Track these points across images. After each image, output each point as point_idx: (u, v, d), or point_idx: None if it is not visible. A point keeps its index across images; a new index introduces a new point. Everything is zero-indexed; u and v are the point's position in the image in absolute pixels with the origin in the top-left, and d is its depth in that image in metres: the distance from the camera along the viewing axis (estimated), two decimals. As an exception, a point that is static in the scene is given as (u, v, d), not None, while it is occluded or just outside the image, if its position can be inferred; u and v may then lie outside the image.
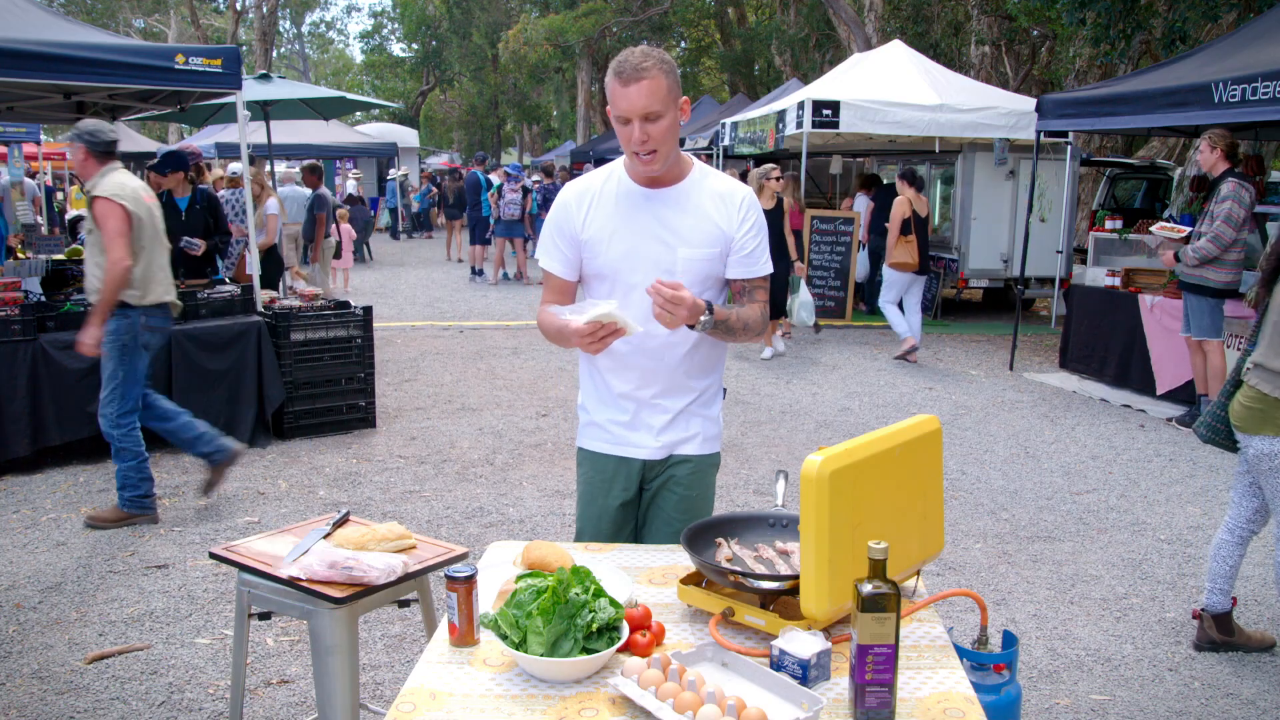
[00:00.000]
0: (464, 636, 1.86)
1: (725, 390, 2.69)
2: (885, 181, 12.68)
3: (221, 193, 8.71)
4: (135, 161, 18.89)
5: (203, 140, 17.45)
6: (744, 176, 13.53)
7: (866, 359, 9.41)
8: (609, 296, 2.45)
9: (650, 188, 2.42)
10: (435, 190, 25.38)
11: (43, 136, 18.79)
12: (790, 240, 9.06)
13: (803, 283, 9.32)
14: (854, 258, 11.65)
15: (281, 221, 9.57)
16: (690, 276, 2.39)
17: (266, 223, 9.20)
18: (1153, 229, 8.35)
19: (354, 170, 24.03)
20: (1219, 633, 3.71)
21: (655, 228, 2.40)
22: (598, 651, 1.72)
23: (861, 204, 12.75)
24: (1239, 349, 6.79)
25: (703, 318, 2.25)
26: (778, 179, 8.85)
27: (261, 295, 6.66)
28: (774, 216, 8.73)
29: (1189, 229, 6.89)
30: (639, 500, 2.62)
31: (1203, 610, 3.76)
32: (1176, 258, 6.71)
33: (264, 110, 11.38)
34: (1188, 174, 12.44)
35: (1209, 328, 6.60)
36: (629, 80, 2.24)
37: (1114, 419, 7.29)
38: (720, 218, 2.42)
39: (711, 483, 2.63)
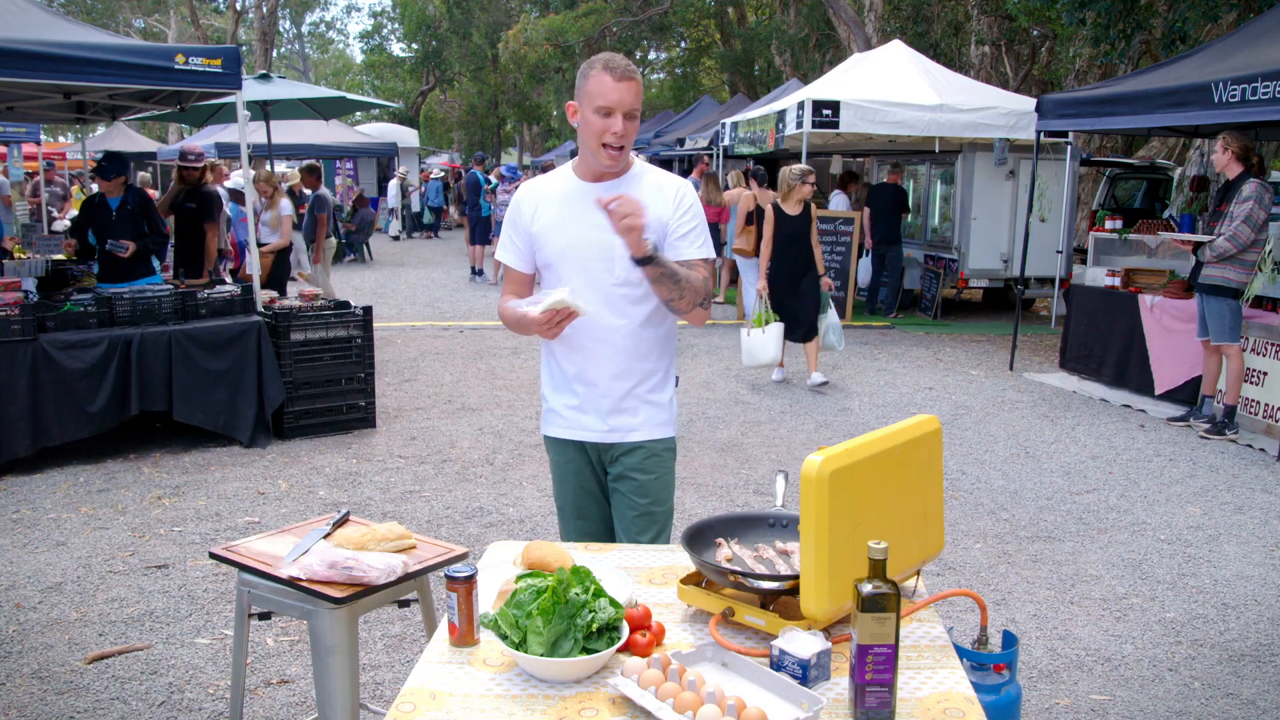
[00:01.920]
0: (464, 636, 1.86)
1: (678, 379, 2.81)
2: (882, 181, 12.68)
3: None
4: (135, 162, 18.87)
5: (203, 140, 17.42)
6: (746, 176, 13.55)
7: (866, 359, 9.41)
8: (556, 285, 2.61)
9: (594, 182, 2.57)
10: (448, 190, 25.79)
11: (43, 136, 18.78)
12: (818, 252, 8.04)
13: (832, 303, 8.25)
14: (854, 258, 11.65)
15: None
16: (627, 263, 2.50)
17: (282, 224, 9.20)
18: (1159, 233, 8.35)
19: (400, 169, 24.28)
20: None
21: (596, 219, 2.50)
22: (598, 651, 1.72)
23: (840, 201, 12.77)
24: (1258, 351, 6.78)
25: (652, 239, 2.38)
26: (811, 184, 7.90)
27: (261, 295, 6.67)
28: (800, 224, 7.95)
29: (1191, 235, 6.88)
30: (605, 482, 2.76)
31: None
32: (1195, 251, 6.69)
33: (264, 110, 11.38)
34: (1188, 174, 12.46)
35: (1229, 331, 6.53)
36: (622, 77, 2.44)
37: (1114, 419, 7.29)
38: (656, 207, 2.54)
39: (669, 465, 2.74)
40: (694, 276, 2.50)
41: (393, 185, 23.64)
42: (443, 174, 25.97)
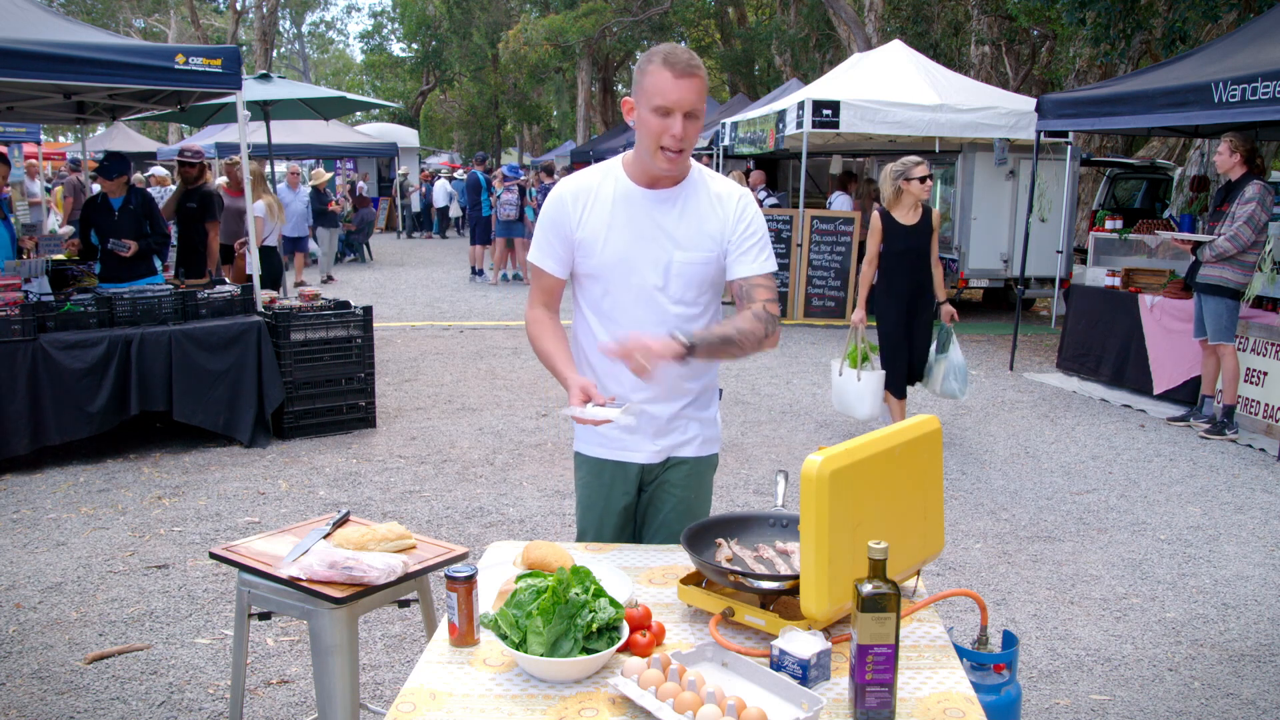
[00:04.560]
0: (464, 636, 1.86)
1: (721, 391, 2.66)
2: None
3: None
4: (135, 162, 18.84)
5: (203, 140, 17.45)
6: (747, 175, 13.56)
7: (866, 359, 9.41)
8: (602, 298, 2.41)
9: (649, 189, 2.37)
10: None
11: (43, 136, 18.78)
12: (938, 273, 6.21)
13: (954, 338, 6.38)
14: (854, 258, 11.65)
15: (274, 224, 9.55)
16: (684, 280, 2.36)
17: (254, 223, 9.18)
18: (1158, 232, 8.34)
19: (446, 170, 24.14)
20: None
21: (651, 230, 2.36)
22: (598, 651, 1.72)
23: (843, 202, 12.76)
24: (1239, 348, 6.79)
25: (685, 341, 2.16)
26: (923, 180, 6.07)
27: (261, 295, 6.66)
28: (917, 236, 6.10)
29: (1192, 235, 6.87)
30: (638, 502, 2.59)
31: None
32: (1195, 250, 6.69)
33: (264, 110, 11.38)
34: (1188, 174, 12.46)
35: (1225, 331, 6.52)
36: (684, 74, 2.20)
37: (1114, 419, 7.29)
38: (717, 220, 2.37)
39: (708, 484, 2.61)
40: (741, 323, 2.30)
41: (439, 185, 23.58)
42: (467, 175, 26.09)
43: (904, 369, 6.26)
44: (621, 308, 2.39)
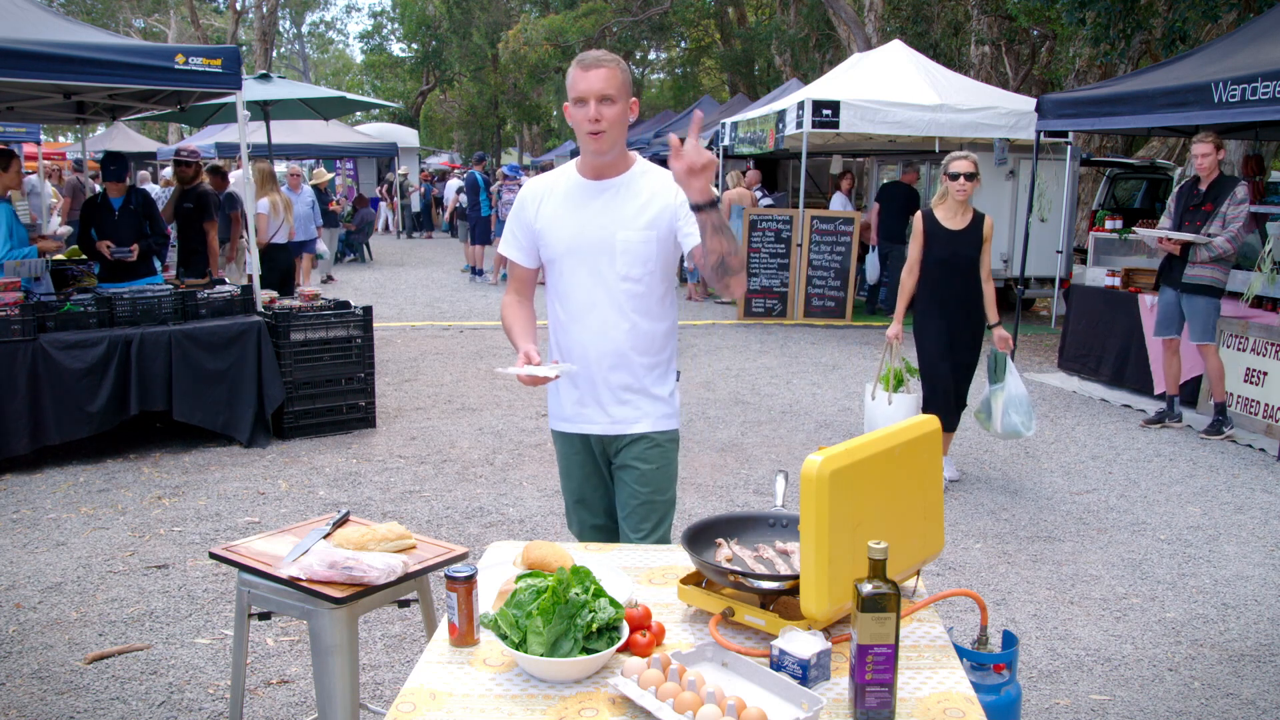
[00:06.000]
0: (464, 636, 1.86)
1: (679, 373, 2.86)
2: (886, 180, 12.66)
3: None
4: (136, 161, 18.88)
5: (203, 140, 17.46)
6: (745, 175, 13.56)
7: (867, 359, 9.41)
8: (559, 279, 2.71)
9: (595, 180, 2.64)
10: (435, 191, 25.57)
11: (43, 136, 18.77)
12: (989, 289, 5.37)
13: (1011, 365, 5.49)
14: (854, 258, 11.65)
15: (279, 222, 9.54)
16: (629, 257, 2.61)
17: (255, 222, 9.18)
18: (1137, 229, 8.33)
19: (460, 172, 24.05)
20: None
21: (597, 214, 2.63)
22: (598, 651, 1.72)
23: (842, 201, 12.76)
24: (1238, 348, 6.78)
25: (716, 195, 2.35)
26: (956, 177, 5.20)
27: (261, 295, 6.67)
28: (963, 243, 5.28)
29: (1181, 234, 6.85)
30: (609, 473, 2.82)
31: None
32: (1187, 252, 6.67)
33: (264, 110, 11.39)
34: (1187, 174, 12.46)
35: (1211, 330, 6.53)
36: (589, 67, 2.49)
37: (1114, 419, 7.29)
38: (657, 202, 2.61)
39: (670, 457, 2.79)
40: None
41: (451, 184, 23.37)
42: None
43: (946, 395, 5.41)
44: (576, 284, 2.67)
